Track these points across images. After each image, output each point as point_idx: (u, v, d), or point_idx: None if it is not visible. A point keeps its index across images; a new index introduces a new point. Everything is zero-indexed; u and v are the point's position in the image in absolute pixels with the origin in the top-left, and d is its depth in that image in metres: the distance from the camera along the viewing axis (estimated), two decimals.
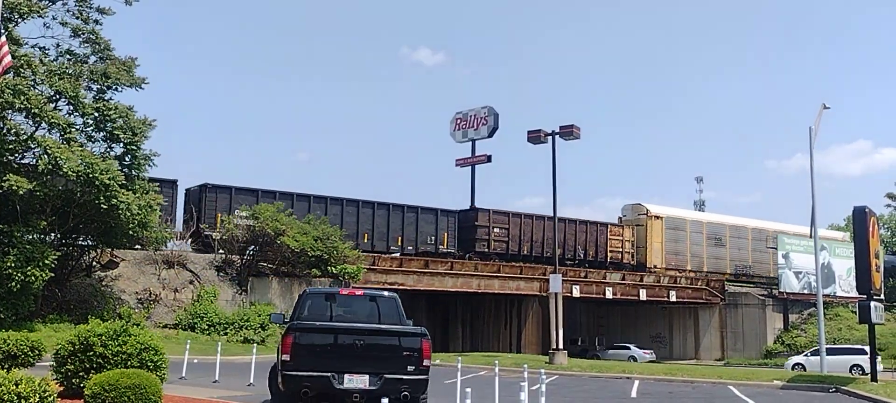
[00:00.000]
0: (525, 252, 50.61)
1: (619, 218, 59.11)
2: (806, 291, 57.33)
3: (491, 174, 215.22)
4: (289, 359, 11.07)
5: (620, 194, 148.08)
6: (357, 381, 11.17)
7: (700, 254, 58.96)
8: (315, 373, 11.05)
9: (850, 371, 35.59)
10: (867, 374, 26.68)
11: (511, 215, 50.60)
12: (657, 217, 57.74)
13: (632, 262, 56.62)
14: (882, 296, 45.43)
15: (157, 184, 34.77)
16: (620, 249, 56.01)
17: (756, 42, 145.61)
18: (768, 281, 60.33)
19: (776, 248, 58.58)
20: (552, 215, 37.90)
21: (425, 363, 11.51)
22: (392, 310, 13.00)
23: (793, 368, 39.34)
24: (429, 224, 46.67)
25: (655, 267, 56.87)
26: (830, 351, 40.29)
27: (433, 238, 46.73)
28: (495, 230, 49.35)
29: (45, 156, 25.92)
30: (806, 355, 42.14)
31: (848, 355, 39.14)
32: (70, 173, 25.80)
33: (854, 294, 46.51)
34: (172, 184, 37.37)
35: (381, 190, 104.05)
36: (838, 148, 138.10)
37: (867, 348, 41.88)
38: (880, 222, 53.70)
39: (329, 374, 11.09)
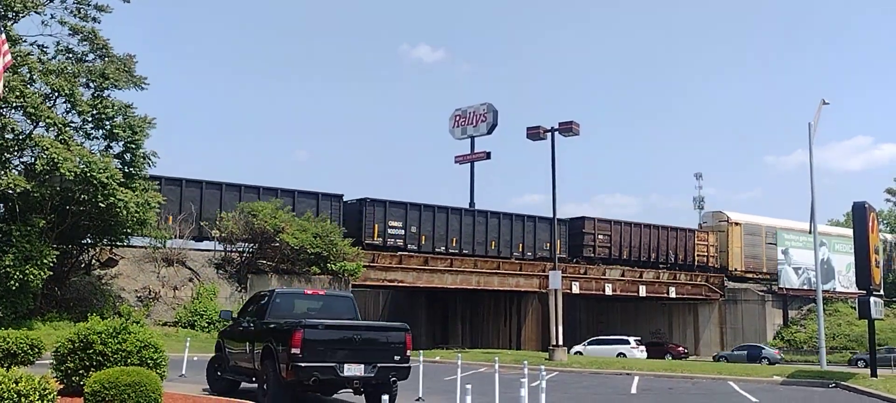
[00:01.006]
0: (625, 256, 55.29)
1: (700, 224, 63.30)
2: (805, 287, 57.34)
3: (490, 171, 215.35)
4: (299, 352, 12.41)
5: (620, 191, 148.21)
6: (355, 370, 12.81)
7: (774, 257, 60.42)
8: (322, 364, 12.57)
9: (617, 357, 40.29)
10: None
11: (612, 223, 55.87)
12: (737, 223, 60.91)
13: (716, 265, 60.27)
14: (882, 292, 45.48)
15: (328, 198, 41.40)
16: (705, 253, 60.09)
17: (755, 39, 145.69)
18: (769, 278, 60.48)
19: (775, 244, 58.60)
20: (647, 222, 38.48)
21: (407, 353, 13.55)
22: (349, 308, 14.99)
23: (574, 354, 41.73)
24: (544, 231, 50.56)
25: (736, 269, 60.13)
26: (601, 341, 46.46)
27: (548, 244, 50.30)
28: (599, 236, 54.25)
29: (43, 155, 25.86)
30: (585, 344, 46.14)
31: (614, 344, 44.88)
32: (68, 174, 25.76)
33: (853, 289, 46.52)
34: (339, 197, 42.32)
35: (380, 188, 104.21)
36: (838, 144, 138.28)
37: (631, 339, 46.25)
38: (880, 218, 53.70)
39: (334, 364, 12.63)
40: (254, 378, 14.39)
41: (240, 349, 15.04)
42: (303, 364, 12.43)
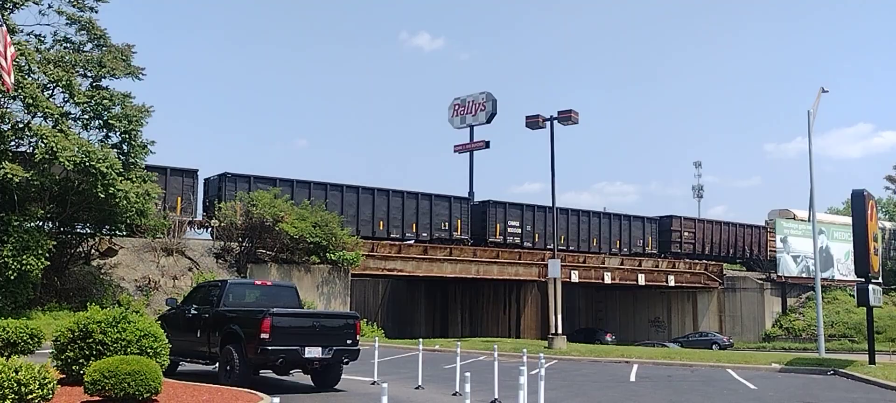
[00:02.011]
0: (707, 251, 59.92)
1: (766, 222, 65.74)
2: (804, 275, 57.45)
3: (489, 160, 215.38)
4: (268, 337, 14.07)
5: (620, 178, 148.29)
6: (315, 352, 14.57)
7: None
8: (288, 347, 14.27)
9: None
10: None
11: (696, 221, 61.90)
12: (802, 220, 62.01)
13: None
14: (880, 279, 45.49)
15: (459, 201, 47.50)
16: (775, 249, 62.58)
17: (755, 26, 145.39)
18: None
19: (774, 232, 58.67)
20: (727, 220, 39.35)
21: (357, 337, 15.42)
22: (292, 297, 16.74)
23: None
24: (638, 229, 57.29)
25: None
26: None
27: (641, 241, 56.48)
28: (685, 234, 58.89)
29: (42, 145, 25.80)
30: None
31: None
32: (67, 163, 25.70)
33: (852, 277, 46.62)
34: (467, 200, 48.93)
35: (382, 176, 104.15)
36: (838, 131, 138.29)
37: None
38: (879, 205, 53.77)
39: (297, 347, 14.32)
40: (206, 360, 15.91)
41: (188, 333, 16.32)
42: (271, 348, 14.06)
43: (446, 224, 46.58)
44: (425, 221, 45.84)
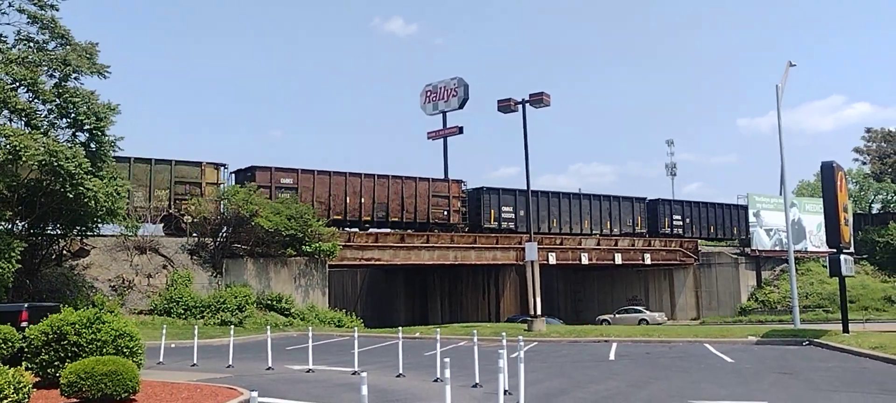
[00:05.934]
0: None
1: None
2: (777, 248, 58.16)
3: (463, 145, 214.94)
4: (29, 321, 17.40)
5: (596, 159, 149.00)
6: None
7: None
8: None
9: None
10: None
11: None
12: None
13: None
14: (852, 249, 46.19)
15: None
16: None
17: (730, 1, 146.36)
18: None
19: (747, 206, 59.32)
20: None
21: (24, 323, 18.91)
22: None
23: None
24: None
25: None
26: None
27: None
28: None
29: (5, 145, 25.25)
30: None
31: None
32: (32, 162, 25.24)
33: (825, 248, 47.28)
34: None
35: (358, 164, 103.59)
36: (810, 104, 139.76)
37: None
38: (848, 177, 54.51)
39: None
40: None
41: None
42: (25, 325, 17.00)
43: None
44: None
